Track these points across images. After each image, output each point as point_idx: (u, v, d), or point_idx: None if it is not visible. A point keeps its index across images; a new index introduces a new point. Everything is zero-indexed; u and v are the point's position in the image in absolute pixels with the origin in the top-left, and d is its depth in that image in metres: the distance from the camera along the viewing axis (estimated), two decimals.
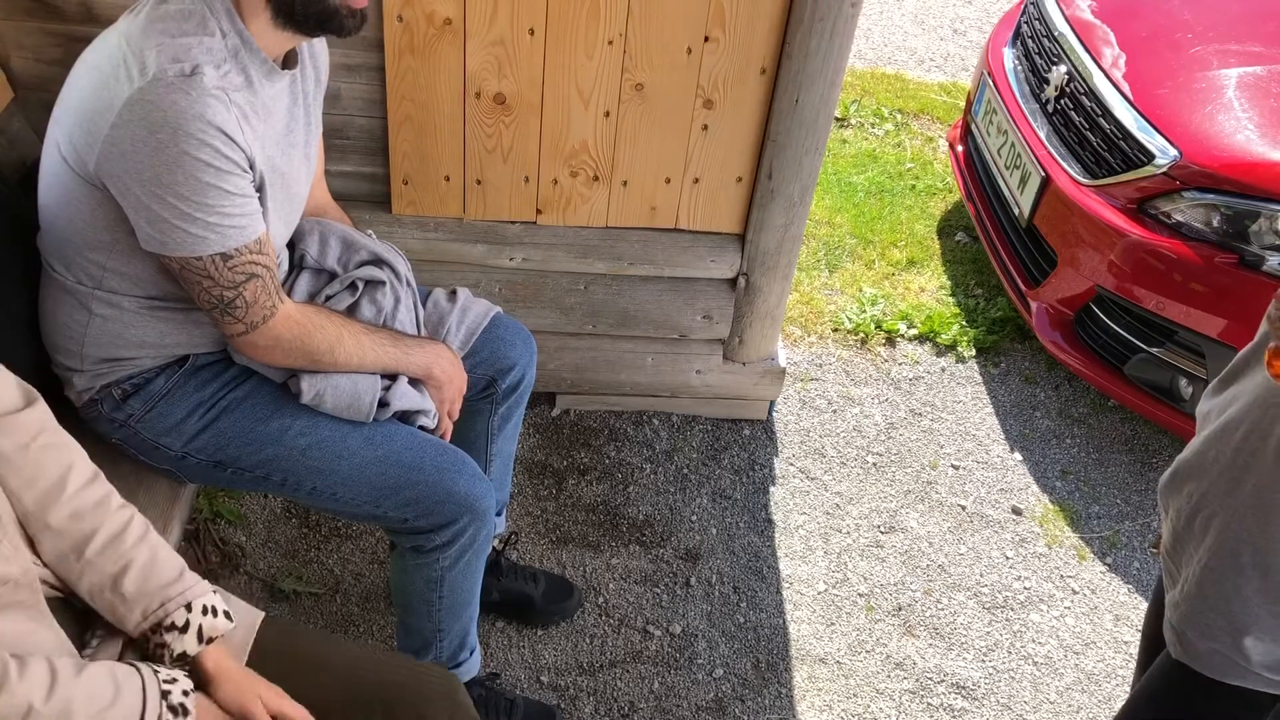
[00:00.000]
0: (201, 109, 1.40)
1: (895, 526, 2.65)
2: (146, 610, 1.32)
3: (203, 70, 1.42)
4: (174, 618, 1.32)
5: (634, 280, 2.59)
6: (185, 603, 1.33)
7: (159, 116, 1.39)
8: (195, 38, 1.45)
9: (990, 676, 2.36)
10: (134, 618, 1.32)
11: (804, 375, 3.04)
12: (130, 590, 1.31)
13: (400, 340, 1.77)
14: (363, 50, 2.24)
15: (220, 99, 1.43)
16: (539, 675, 2.25)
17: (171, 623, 1.32)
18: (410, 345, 1.78)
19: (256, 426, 1.70)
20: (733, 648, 2.35)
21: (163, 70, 1.40)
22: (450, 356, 1.84)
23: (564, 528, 2.53)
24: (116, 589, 1.31)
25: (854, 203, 3.77)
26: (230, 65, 1.48)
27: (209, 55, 1.45)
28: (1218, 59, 2.78)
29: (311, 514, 2.48)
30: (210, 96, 1.42)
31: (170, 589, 1.33)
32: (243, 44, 1.50)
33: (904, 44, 5.03)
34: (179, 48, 1.43)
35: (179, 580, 1.35)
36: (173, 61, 1.41)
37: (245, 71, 1.51)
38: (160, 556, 1.35)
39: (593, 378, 2.74)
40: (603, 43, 2.21)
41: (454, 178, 2.40)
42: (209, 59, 1.45)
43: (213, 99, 1.42)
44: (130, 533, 1.34)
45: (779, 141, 2.35)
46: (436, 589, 1.85)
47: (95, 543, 1.30)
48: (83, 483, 1.33)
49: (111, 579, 1.31)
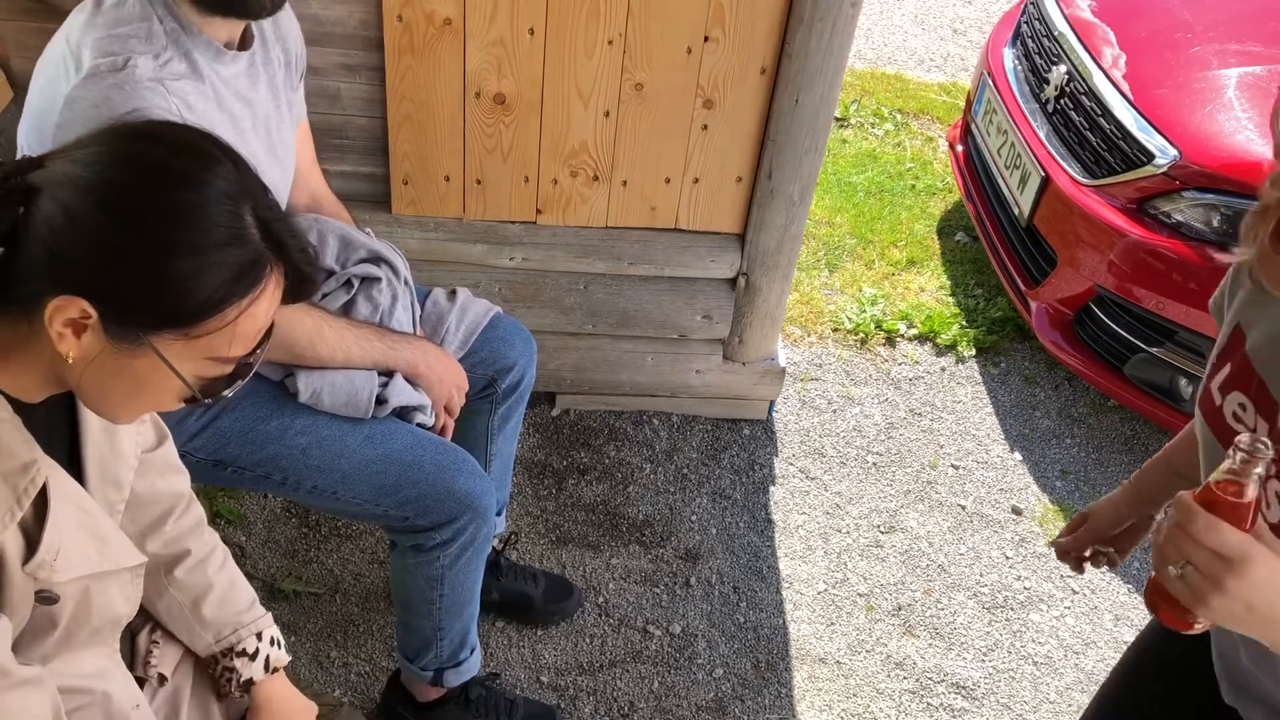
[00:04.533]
0: (136, 101, 1.38)
1: (895, 526, 2.65)
2: (220, 634, 1.37)
3: (136, 61, 1.40)
4: (245, 644, 1.38)
5: (634, 280, 2.59)
6: (257, 631, 1.39)
7: (95, 113, 1.37)
8: (132, 26, 1.43)
9: (990, 676, 2.36)
10: (206, 639, 1.37)
11: (804, 375, 3.04)
12: (208, 614, 1.36)
13: (386, 336, 1.77)
14: (363, 50, 2.24)
15: (155, 90, 1.40)
16: (539, 675, 2.25)
17: (243, 649, 1.38)
18: (397, 341, 1.77)
19: (256, 425, 1.70)
20: (733, 648, 2.35)
21: (96, 65, 1.39)
22: (438, 354, 1.83)
23: (564, 528, 2.53)
24: (196, 610, 1.36)
25: (854, 203, 3.77)
26: (171, 52, 1.46)
27: (148, 44, 1.43)
28: (1217, 59, 2.78)
29: (311, 514, 2.48)
30: (144, 88, 1.39)
31: (244, 616, 1.39)
32: (182, 29, 1.48)
33: (904, 44, 5.03)
34: (114, 40, 1.42)
35: (251, 609, 1.40)
36: (106, 55, 1.40)
37: (188, 57, 1.48)
38: (237, 584, 1.40)
39: (593, 378, 2.74)
40: (603, 42, 2.21)
41: (454, 177, 2.40)
42: (147, 48, 1.43)
43: (147, 90, 1.39)
44: (215, 558, 1.39)
45: (779, 141, 2.35)
46: (437, 588, 1.85)
47: (185, 564, 1.35)
48: (183, 509, 1.36)
49: (193, 600, 1.36)
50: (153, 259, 0.95)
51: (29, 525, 1.04)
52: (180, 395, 1.05)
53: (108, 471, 1.18)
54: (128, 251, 0.95)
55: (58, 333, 0.96)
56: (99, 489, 1.17)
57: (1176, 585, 0.94)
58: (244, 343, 1.03)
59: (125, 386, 1.02)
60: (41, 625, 1.10)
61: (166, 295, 0.96)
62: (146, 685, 1.33)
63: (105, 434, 1.18)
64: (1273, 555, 0.90)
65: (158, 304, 0.97)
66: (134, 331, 0.97)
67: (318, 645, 2.24)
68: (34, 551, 1.04)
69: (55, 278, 0.95)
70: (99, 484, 1.17)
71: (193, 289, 0.96)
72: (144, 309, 0.97)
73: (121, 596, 1.19)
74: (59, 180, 0.96)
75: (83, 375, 1.01)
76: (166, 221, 0.95)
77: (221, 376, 1.05)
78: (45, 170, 0.97)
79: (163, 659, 1.35)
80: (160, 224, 0.95)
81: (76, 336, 0.96)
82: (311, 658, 2.21)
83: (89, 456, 1.15)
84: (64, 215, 0.94)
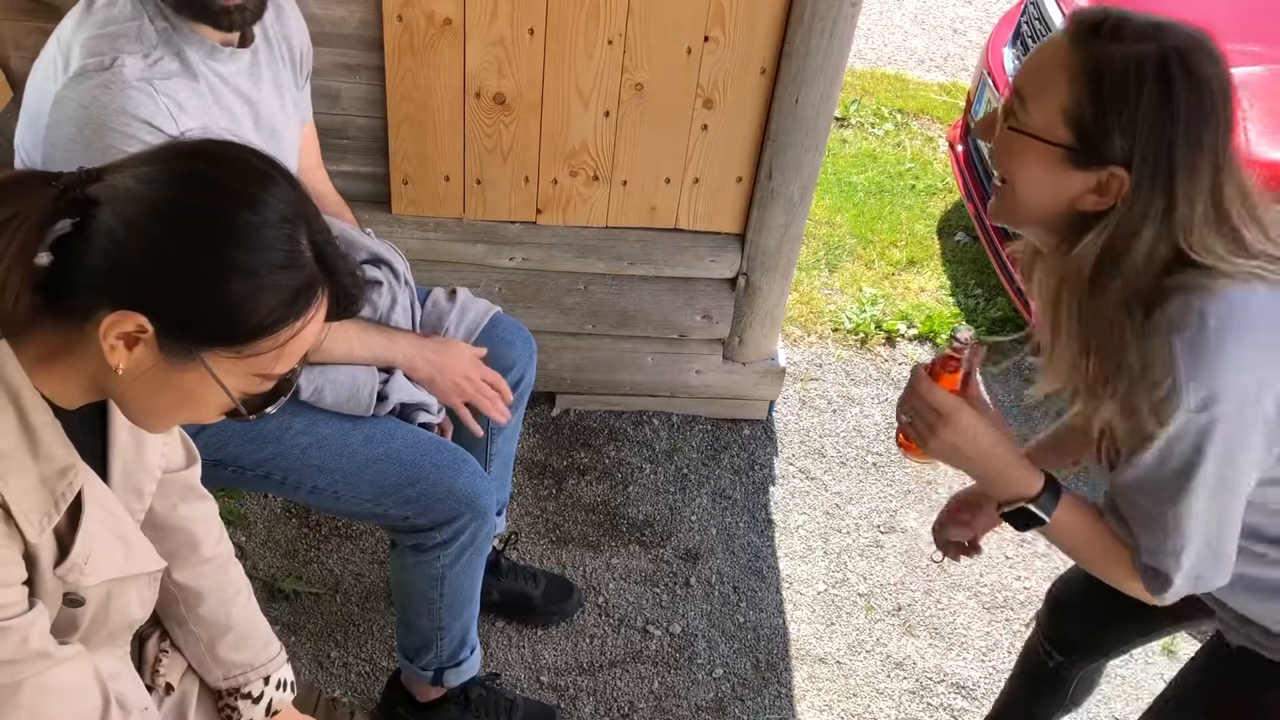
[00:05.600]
0: (123, 102, 1.38)
1: (895, 526, 2.65)
2: (229, 673, 1.38)
3: (123, 61, 1.40)
4: (251, 688, 1.39)
5: (634, 280, 2.59)
6: (265, 675, 1.40)
7: (82, 113, 1.38)
8: (121, 25, 1.43)
9: (990, 676, 2.36)
10: (215, 674, 1.38)
11: (804, 375, 3.04)
12: (222, 654, 1.38)
13: (386, 329, 1.77)
14: (363, 50, 2.24)
15: (143, 90, 1.40)
16: (539, 675, 2.25)
17: (248, 692, 1.39)
18: (396, 335, 1.77)
19: (256, 425, 1.68)
20: (732, 648, 2.35)
21: (83, 65, 1.39)
22: (436, 347, 1.81)
23: (564, 528, 2.53)
24: (212, 649, 1.37)
25: (854, 203, 3.77)
26: (162, 51, 1.46)
27: (137, 43, 1.43)
28: None
29: (311, 514, 2.48)
30: (131, 89, 1.39)
31: (258, 657, 1.40)
32: (172, 27, 1.47)
33: (904, 44, 5.03)
34: (102, 39, 1.41)
35: (265, 649, 1.41)
36: (93, 55, 1.40)
37: (180, 55, 1.48)
38: (255, 624, 1.42)
39: (592, 378, 2.74)
40: (603, 42, 2.21)
41: (454, 178, 2.40)
42: (137, 47, 1.43)
43: (134, 90, 1.39)
44: (239, 598, 1.40)
45: (779, 141, 2.35)
46: (437, 587, 1.85)
47: (208, 604, 1.36)
48: (214, 543, 1.37)
49: (210, 639, 1.37)
50: (211, 278, 0.96)
51: (62, 529, 1.05)
52: (224, 409, 1.06)
53: (131, 479, 1.19)
54: (187, 270, 0.96)
55: (110, 345, 0.97)
56: (122, 495, 1.18)
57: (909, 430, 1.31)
58: (289, 361, 1.04)
59: (169, 399, 1.04)
60: (63, 627, 1.12)
61: (222, 315, 0.98)
62: (154, 693, 1.34)
63: (133, 443, 1.18)
64: (974, 412, 1.26)
65: (213, 322, 0.98)
66: (187, 347, 0.98)
67: (318, 645, 2.24)
68: (65, 555, 1.05)
69: (113, 291, 0.96)
70: (122, 491, 1.18)
71: (249, 310, 0.97)
72: (199, 326, 0.98)
73: (138, 600, 1.20)
74: (120, 195, 0.97)
75: (129, 387, 1.02)
76: (226, 241, 0.96)
77: (265, 392, 1.07)
78: (105, 184, 0.98)
79: (170, 668, 1.36)
80: (220, 244, 0.96)
81: (129, 349, 0.98)
82: (311, 658, 2.22)
83: (115, 463, 1.16)
84: (125, 230, 0.95)
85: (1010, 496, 1.29)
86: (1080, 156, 1.14)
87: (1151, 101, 1.10)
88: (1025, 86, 1.19)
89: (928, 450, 1.30)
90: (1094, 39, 1.13)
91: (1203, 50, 1.13)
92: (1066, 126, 1.14)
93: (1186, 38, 1.12)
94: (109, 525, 1.11)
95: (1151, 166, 1.11)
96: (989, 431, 1.27)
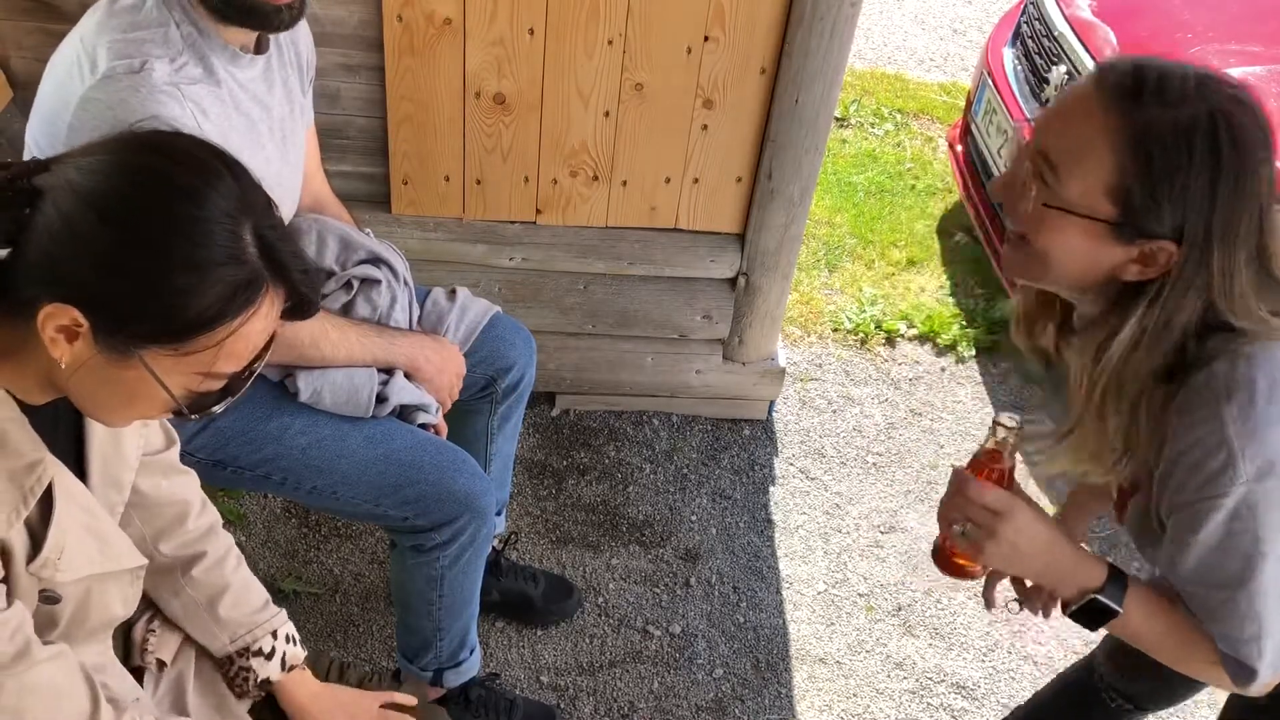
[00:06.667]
0: (153, 106, 1.38)
1: (895, 526, 2.65)
2: (235, 634, 1.38)
3: (152, 65, 1.40)
4: (261, 644, 1.38)
5: (634, 280, 2.59)
6: (272, 630, 1.39)
7: (109, 115, 1.37)
8: (149, 30, 1.43)
9: (990, 676, 2.36)
10: (222, 639, 1.37)
11: (804, 375, 3.04)
12: (224, 614, 1.37)
13: (385, 331, 1.77)
14: (363, 50, 2.24)
15: (171, 94, 1.40)
16: (539, 675, 2.25)
17: (259, 648, 1.38)
18: (395, 337, 1.78)
19: (256, 425, 1.69)
20: (733, 648, 2.35)
21: (112, 68, 1.39)
22: (434, 345, 1.82)
23: (564, 528, 2.53)
24: (212, 609, 1.36)
25: (854, 203, 3.77)
26: (188, 56, 1.46)
27: (164, 48, 1.43)
28: (1218, 59, 2.77)
29: (311, 514, 2.48)
30: (160, 93, 1.39)
31: (259, 615, 1.39)
32: (199, 33, 1.47)
33: (904, 44, 5.03)
34: (130, 43, 1.41)
35: (265, 608, 1.41)
36: (122, 58, 1.39)
37: (205, 61, 1.48)
38: (251, 585, 1.41)
39: (592, 378, 2.74)
40: (603, 42, 2.21)
41: (454, 177, 2.40)
42: (164, 51, 1.43)
43: (163, 94, 1.39)
44: (230, 558, 1.39)
45: (779, 141, 2.35)
46: (436, 588, 1.85)
47: (201, 565, 1.36)
48: (196, 514, 1.37)
49: (209, 600, 1.36)
50: (146, 273, 0.95)
51: (34, 525, 1.04)
52: (169, 407, 1.04)
53: (110, 473, 1.18)
54: (122, 264, 0.95)
55: (50, 338, 0.96)
56: (101, 490, 1.17)
57: (960, 540, 1.19)
58: (235, 360, 1.02)
59: (115, 394, 1.03)
60: (42, 625, 1.11)
61: (157, 310, 0.96)
62: (146, 674, 1.33)
63: (110, 436, 1.18)
64: (1028, 505, 1.17)
65: (148, 318, 0.97)
66: (123, 343, 0.97)
67: (318, 645, 2.23)
68: (38, 550, 1.04)
69: (51, 284, 0.95)
70: (101, 485, 1.17)
71: (184, 305, 0.96)
72: (134, 322, 0.97)
73: (120, 598, 1.19)
74: (62, 186, 0.95)
75: (73, 380, 1.01)
76: (163, 235, 0.95)
77: (212, 392, 1.05)
78: (51, 174, 0.97)
79: (160, 645, 1.35)
80: (156, 238, 0.95)
81: (69, 343, 0.97)
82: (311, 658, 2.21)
83: (93, 457, 1.16)
84: (62, 222, 0.94)
85: (1076, 591, 1.19)
86: (1125, 231, 1.07)
87: (1203, 173, 1.03)
88: (1057, 153, 1.09)
89: (983, 558, 1.18)
90: (1135, 104, 1.05)
91: (1246, 110, 1.06)
92: (1110, 200, 1.07)
93: (1229, 99, 1.05)
94: (83, 521, 1.10)
95: (1203, 238, 1.05)
96: (1047, 526, 1.18)
